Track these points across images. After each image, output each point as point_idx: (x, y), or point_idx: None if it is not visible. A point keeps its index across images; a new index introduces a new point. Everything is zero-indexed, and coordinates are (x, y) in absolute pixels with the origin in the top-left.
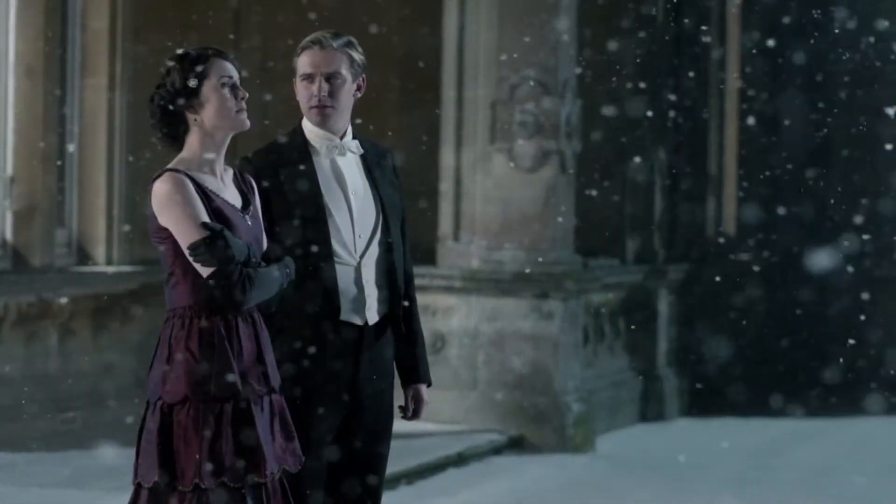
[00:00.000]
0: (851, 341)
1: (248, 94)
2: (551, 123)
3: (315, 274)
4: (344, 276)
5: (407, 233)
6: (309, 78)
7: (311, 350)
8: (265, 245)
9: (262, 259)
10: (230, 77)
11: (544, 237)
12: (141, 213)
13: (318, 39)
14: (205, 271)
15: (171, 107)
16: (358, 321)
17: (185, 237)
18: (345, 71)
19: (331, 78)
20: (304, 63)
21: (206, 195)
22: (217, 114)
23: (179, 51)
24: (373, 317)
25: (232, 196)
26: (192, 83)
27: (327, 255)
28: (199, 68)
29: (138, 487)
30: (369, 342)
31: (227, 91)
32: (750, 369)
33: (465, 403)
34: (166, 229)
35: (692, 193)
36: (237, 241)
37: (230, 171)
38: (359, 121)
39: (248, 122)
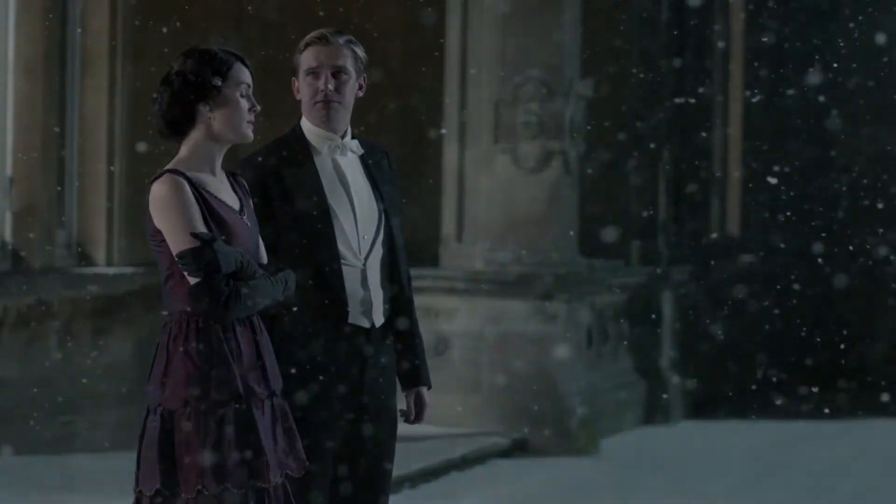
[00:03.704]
0: (858, 341)
1: (259, 108)
2: (555, 124)
3: (321, 276)
4: (350, 278)
5: (403, 234)
6: (314, 73)
7: (319, 353)
8: (262, 248)
9: (262, 267)
10: (249, 86)
11: (548, 238)
12: (141, 213)
13: (322, 35)
14: (192, 280)
15: (187, 97)
16: (365, 323)
17: (176, 244)
18: (350, 66)
19: (337, 73)
20: (308, 58)
21: (203, 197)
22: (230, 119)
23: (203, 47)
24: (379, 318)
25: (230, 197)
26: (217, 81)
27: (333, 256)
28: (224, 69)
29: (140, 495)
30: (376, 344)
31: (244, 100)
32: (755, 371)
33: (468, 406)
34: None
35: (696, 195)
36: (229, 251)
37: (224, 173)
38: (361, 127)
39: (251, 136)
